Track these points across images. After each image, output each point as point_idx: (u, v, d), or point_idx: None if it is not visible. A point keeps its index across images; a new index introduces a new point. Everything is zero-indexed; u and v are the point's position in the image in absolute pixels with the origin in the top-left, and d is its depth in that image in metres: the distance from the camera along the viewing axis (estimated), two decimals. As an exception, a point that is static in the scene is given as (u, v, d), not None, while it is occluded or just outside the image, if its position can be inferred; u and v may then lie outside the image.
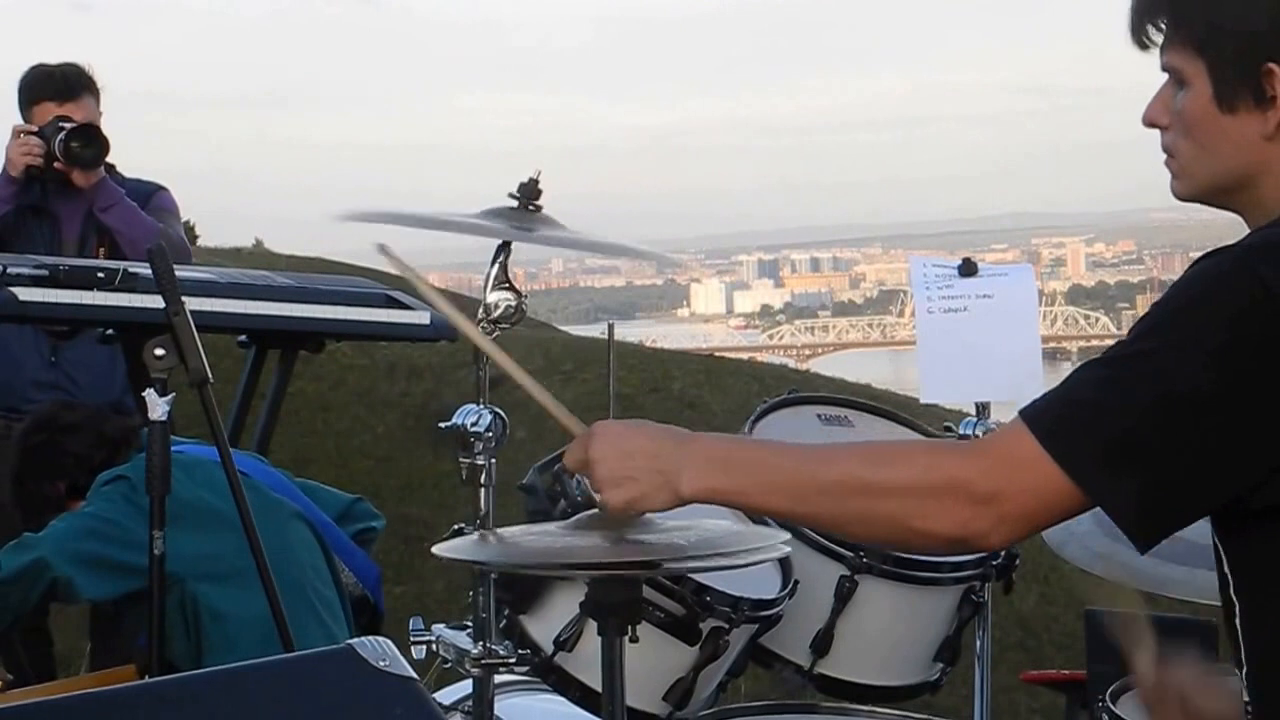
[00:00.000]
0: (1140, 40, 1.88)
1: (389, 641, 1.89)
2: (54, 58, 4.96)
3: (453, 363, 11.76)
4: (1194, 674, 2.14)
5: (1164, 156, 1.90)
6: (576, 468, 2.05)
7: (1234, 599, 1.88)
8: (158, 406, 3.05)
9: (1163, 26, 1.86)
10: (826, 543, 2.96)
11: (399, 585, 10.03)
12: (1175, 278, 1.89)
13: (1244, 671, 1.88)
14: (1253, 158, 1.83)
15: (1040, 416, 1.82)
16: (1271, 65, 1.78)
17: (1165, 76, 1.89)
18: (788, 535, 2.43)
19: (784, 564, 2.89)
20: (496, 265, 2.62)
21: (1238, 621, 1.88)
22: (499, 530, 2.50)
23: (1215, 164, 1.86)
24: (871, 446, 2.09)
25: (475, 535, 2.52)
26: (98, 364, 4.67)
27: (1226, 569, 1.89)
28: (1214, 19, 1.81)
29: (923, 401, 3.43)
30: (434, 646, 2.76)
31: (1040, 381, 3.37)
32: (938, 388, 3.36)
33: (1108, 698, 2.77)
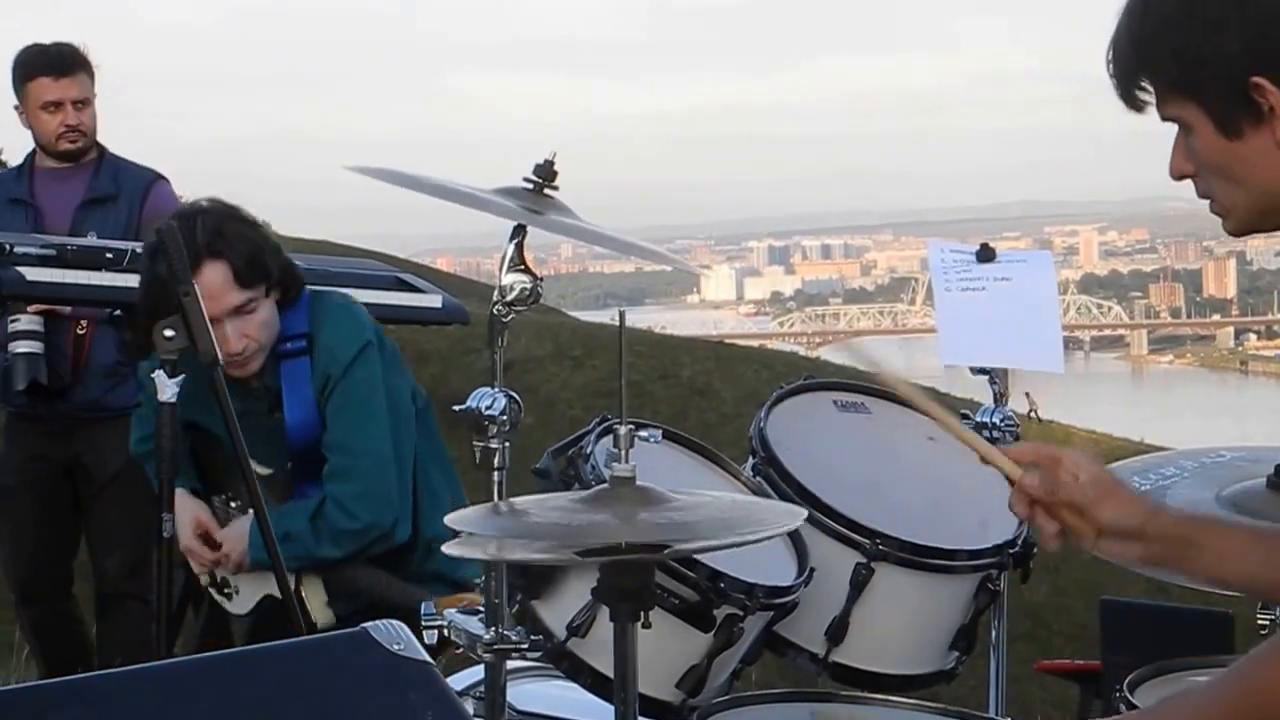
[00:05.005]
0: (1133, 105, 1.89)
1: (404, 625, 1.88)
2: (50, 36, 4.99)
3: (461, 348, 11.78)
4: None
5: (1206, 202, 1.91)
6: None
7: None
8: (166, 388, 3.03)
9: (1145, 86, 1.87)
10: (842, 529, 2.93)
11: (407, 570, 10.08)
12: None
13: None
14: (1278, 171, 1.83)
15: None
16: (1257, 79, 1.78)
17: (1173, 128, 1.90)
18: (804, 513, 2.43)
19: (800, 551, 2.86)
20: (512, 247, 2.61)
21: None
22: (512, 500, 2.49)
23: (1250, 191, 1.86)
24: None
25: (486, 506, 2.50)
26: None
27: None
28: (1186, 59, 1.81)
29: (942, 364, 3.42)
30: (446, 631, 2.75)
31: (1061, 355, 3.35)
32: (957, 351, 3.34)
33: (1125, 687, 2.74)
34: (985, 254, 3.42)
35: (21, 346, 4.57)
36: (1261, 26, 1.76)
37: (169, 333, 3.06)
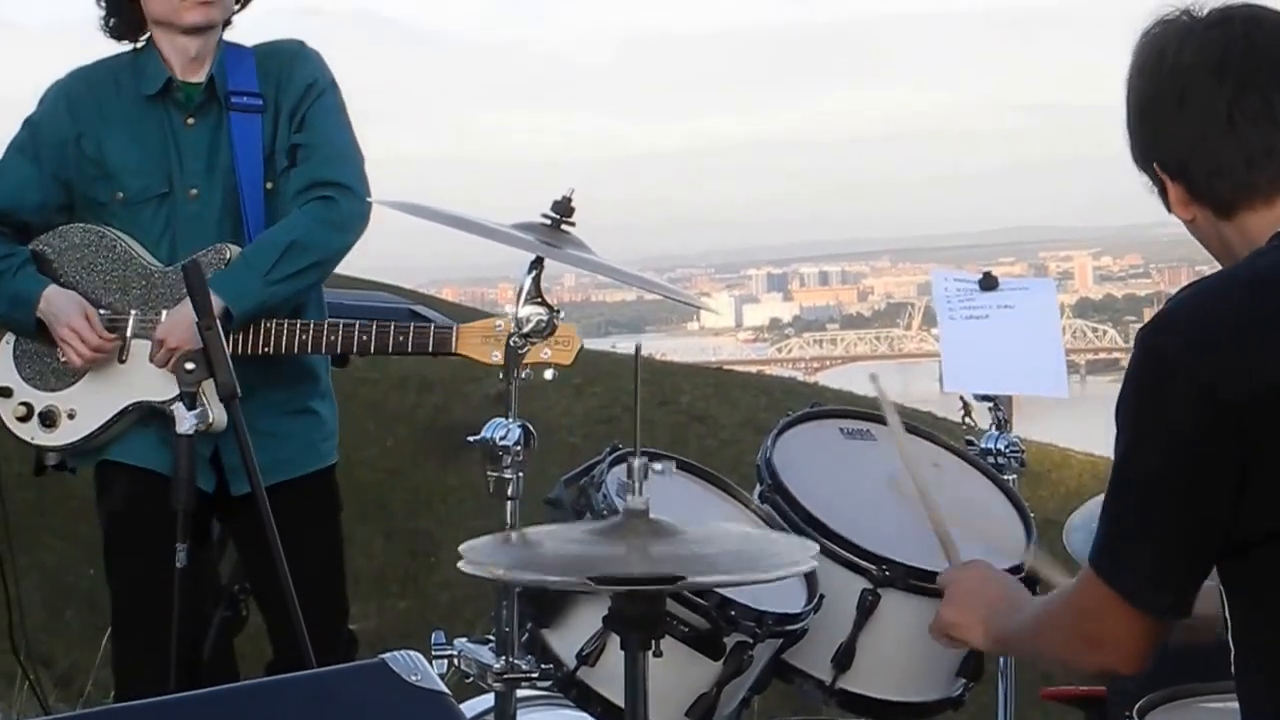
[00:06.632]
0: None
1: (420, 655, 1.89)
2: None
3: (464, 376, 11.77)
4: None
5: None
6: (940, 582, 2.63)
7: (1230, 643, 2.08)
8: (185, 420, 3.05)
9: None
10: (849, 556, 2.95)
11: (403, 600, 10.01)
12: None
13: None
14: (1194, 232, 2.15)
15: (1092, 552, 2.10)
16: (1155, 164, 2.14)
17: None
18: (815, 548, 2.44)
19: (809, 578, 2.87)
20: (529, 280, 2.63)
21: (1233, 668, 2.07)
22: (525, 530, 2.50)
23: (1204, 247, 2.17)
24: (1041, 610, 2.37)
25: (498, 536, 2.51)
26: None
27: (1226, 613, 2.08)
28: (1135, 156, 2.17)
29: (944, 391, 3.44)
30: (456, 660, 2.76)
31: (1064, 379, 3.38)
32: (959, 377, 3.36)
33: (1135, 714, 2.75)
34: (988, 282, 3.45)
35: None
36: (1137, 125, 2.13)
37: (189, 365, 3.07)
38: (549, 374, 3.01)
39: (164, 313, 3.47)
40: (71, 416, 3.57)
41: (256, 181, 3.50)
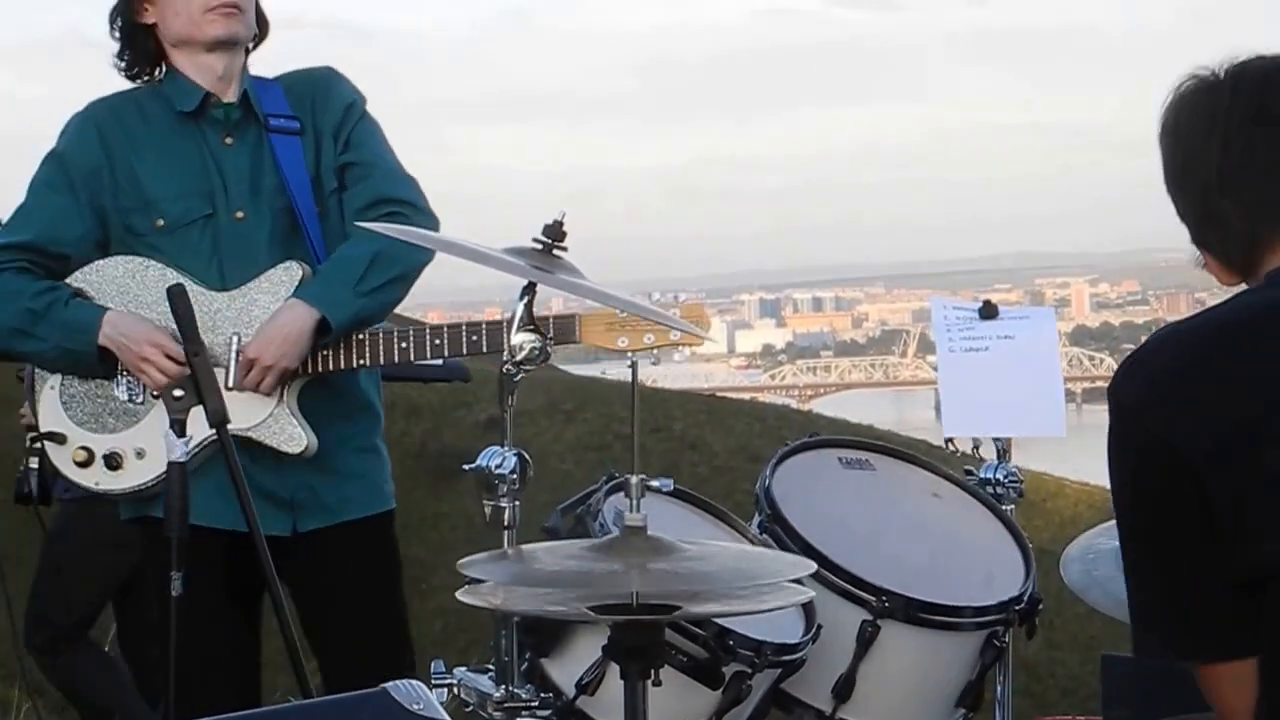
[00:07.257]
0: None
1: (423, 685, 1.88)
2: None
3: (452, 402, 11.75)
4: None
5: (1198, 253, 2.16)
6: None
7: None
8: (176, 448, 3.03)
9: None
10: (848, 586, 2.94)
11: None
12: (1181, 318, 2.09)
13: None
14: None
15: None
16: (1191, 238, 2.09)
17: None
18: (812, 565, 2.44)
19: (807, 608, 2.87)
20: (522, 306, 2.62)
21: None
22: (521, 547, 2.50)
23: None
24: None
25: (496, 551, 2.50)
26: None
27: None
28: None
29: (944, 436, 3.44)
30: (456, 689, 2.75)
31: (1063, 418, 3.38)
32: (959, 422, 3.37)
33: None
34: (988, 311, 3.45)
35: None
36: (1171, 195, 2.07)
37: (178, 392, 3.04)
38: (677, 356, 2.97)
39: (234, 336, 3.28)
40: (140, 456, 3.34)
41: (309, 204, 3.37)
